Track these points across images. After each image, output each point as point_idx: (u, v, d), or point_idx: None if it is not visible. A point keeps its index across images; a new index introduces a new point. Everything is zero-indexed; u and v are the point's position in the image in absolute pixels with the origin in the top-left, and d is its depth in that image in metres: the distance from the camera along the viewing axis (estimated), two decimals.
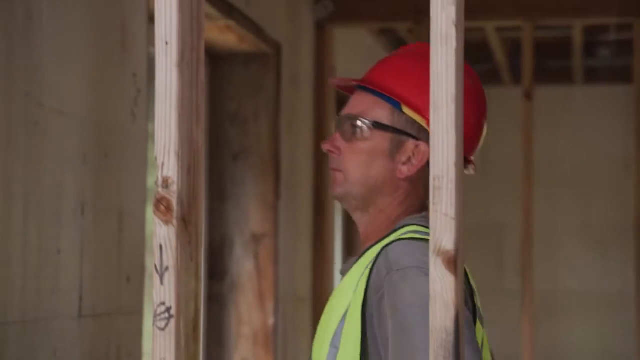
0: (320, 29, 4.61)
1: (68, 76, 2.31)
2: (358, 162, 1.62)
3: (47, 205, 2.20)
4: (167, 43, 1.28)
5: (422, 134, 1.61)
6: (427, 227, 1.57)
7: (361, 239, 1.68)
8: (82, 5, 2.37)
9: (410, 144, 1.61)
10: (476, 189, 6.56)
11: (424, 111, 1.59)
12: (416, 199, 1.65)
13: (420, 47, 1.70)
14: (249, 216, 3.91)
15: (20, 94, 2.09)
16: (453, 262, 1.10)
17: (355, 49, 5.25)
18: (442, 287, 1.10)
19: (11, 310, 2.04)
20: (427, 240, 1.53)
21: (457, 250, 1.09)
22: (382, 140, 1.62)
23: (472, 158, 1.70)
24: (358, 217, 1.66)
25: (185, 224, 1.26)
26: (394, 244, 1.55)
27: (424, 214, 1.63)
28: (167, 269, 1.26)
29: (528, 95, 4.82)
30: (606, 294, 6.74)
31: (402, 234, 1.58)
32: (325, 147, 1.65)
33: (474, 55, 5.88)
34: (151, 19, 2.60)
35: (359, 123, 1.62)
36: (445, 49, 1.08)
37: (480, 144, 1.71)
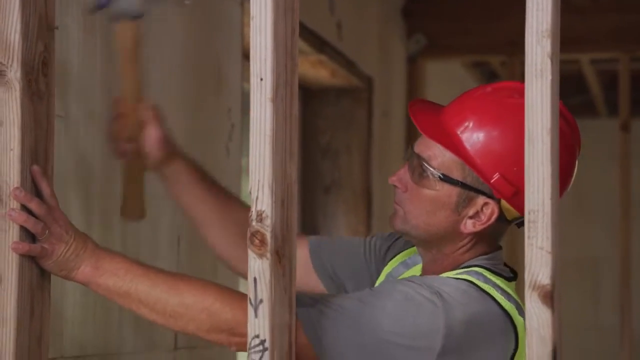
0: (412, 62, 4.61)
1: (165, 111, 2.35)
2: (420, 208, 1.56)
3: (144, 239, 2.24)
4: (261, 79, 1.30)
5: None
6: (493, 270, 1.55)
7: (422, 270, 1.64)
8: (179, 42, 2.43)
9: (480, 200, 1.53)
10: (572, 223, 6.44)
11: (490, 178, 1.51)
12: (486, 246, 1.59)
13: (508, 90, 1.56)
14: None
15: None
16: (549, 297, 1.08)
17: (448, 82, 5.23)
18: (539, 323, 1.09)
19: (110, 342, 2.08)
20: (481, 289, 1.50)
21: (553, 284, 1.08)
22: (449, 192, 1.54)
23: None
24: (421, 251, 1.63)
25: (279, 257, 1.27)
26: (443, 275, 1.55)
27: (492, 254, 1.58)
28: (261, 301, 1.27)
29: (625, 127, 4.74)
30: None
31: (460, 272, 1.54)
32: (392, 180, 1.59)
33: (569, 88, 5.80)
34: (245, 55, 2.64)
35: (427, 169, 1.55)
36: (541, 82, 1.08)
37: (569, 187, 1.64)
